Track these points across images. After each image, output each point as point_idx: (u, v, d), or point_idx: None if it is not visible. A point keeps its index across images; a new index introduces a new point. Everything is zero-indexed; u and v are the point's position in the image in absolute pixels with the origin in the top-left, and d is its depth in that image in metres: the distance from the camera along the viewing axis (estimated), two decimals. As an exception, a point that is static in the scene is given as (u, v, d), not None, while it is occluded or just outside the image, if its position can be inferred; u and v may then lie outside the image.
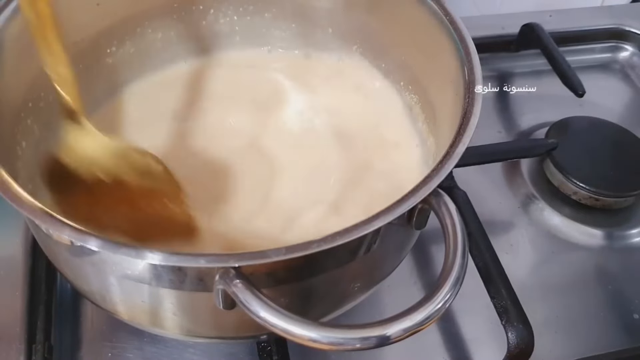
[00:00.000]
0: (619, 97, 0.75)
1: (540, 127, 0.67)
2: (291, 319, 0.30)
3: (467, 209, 0.53)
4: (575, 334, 0.52)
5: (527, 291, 0.50)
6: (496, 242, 0.52)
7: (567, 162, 0.61)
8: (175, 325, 0.39)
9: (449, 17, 0.44)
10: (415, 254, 0.55)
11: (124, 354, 0.47)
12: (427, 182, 0.35)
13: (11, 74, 0.43)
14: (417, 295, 0.52)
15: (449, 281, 0.32)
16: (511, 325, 0.46)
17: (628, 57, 0.78)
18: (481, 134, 0.42)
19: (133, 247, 0.31)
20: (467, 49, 0.42)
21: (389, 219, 0.33)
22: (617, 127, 0.65)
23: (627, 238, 0.59)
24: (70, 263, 0.39)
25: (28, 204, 0.33)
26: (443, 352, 0.50)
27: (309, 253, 0.31)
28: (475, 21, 0.70)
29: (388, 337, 0.30)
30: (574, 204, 0.60)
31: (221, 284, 0.31)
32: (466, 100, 0.39)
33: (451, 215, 0.35)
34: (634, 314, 0.53)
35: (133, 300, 0.38)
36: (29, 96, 0.46)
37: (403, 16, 0.50)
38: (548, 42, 0.70)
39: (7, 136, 0.42)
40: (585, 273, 0.56)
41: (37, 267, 0.49)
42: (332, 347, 0.30)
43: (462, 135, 0.37)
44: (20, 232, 0.51)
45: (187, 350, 0.48)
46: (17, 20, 0.43)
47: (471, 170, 0.58)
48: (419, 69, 0.51)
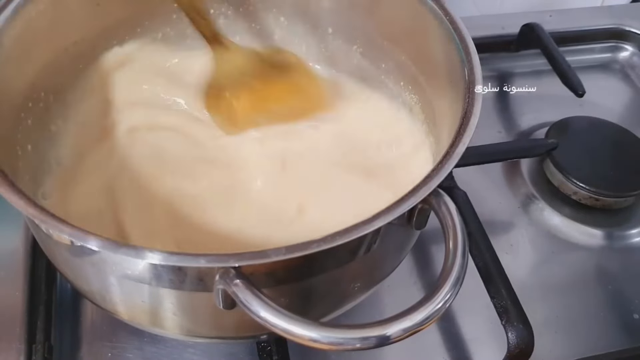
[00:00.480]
0: (619, 97, 0.75)
1: (540, 127, 0.67)
2: (291, 319, 0.30)
3: (467, 209, 0.53)
4: (575, 334, 0.52)
5: (527, 291, 0.50)
6: (496, 242, 0.52)
7: (567, 162, 0.61)
8: (175, 325, 0.39)
9: (449, 17, 0.44)
10: (415, 254, 0.55)
11: (124, 354, 0.47)
12: (427, 182, 0.35)
13: (11, 74, 0.43)
14: (417, 295, 0.52)
15: (449, 281, 0.32)
16: (511, 325, 0.46)
17: (628, 57, 0.78)
18: (481, 134, 0.42)
19: (133, 247, 0.31)
20: (467, 49, 0.42)
21: (389, 219, 0.33)
22: (617, 127, 0.65)
23: (627, 238, 0.59)
24: (70, 263, 0.39)
25: (28, 204, 0.33)
26: (443, 352, 0.50)
27: (309, 253, 0.31)
28: (475, 21, 0.70)
29: (388, 337, 0.30)
30: (574, 204, 0.60)
31: (221, 284, 0.31)
32: (466, 100, 0.39)
33: (451, 215, 0.35)
34: (634, 314, 0.53)
35: (133, 300, 0.38)
36: (29, 96, 0.46)
37: (403, 16, 0.50)
38: (548, 42, 0.70)
39: (7, 136, 0.42)
40: (585, 273, 0.56)
41: (37, 267, 0.49)
42: (332, 347, 0.30)
43: (462, 135, 0.37)
44: (20, 232, 0.51)
45: (187, 350, 0.48)
46: (17, 20, 0.43)
47: (471, 170, 0.58)
48: (419, 69, 0.51)
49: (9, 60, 0.42)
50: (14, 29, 0.43)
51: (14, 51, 0.43)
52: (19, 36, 0.43)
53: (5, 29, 0.42)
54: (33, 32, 0.45)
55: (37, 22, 0.45)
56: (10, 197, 0.33)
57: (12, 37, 0.42)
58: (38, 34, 0.45)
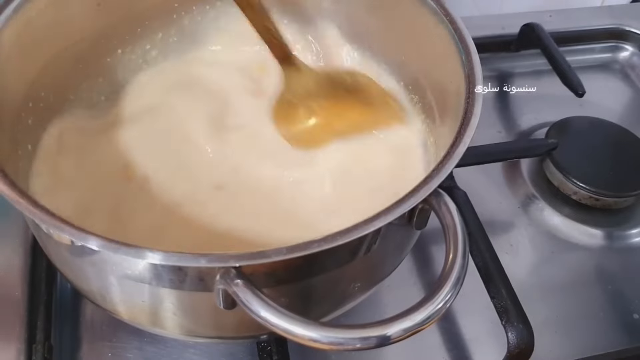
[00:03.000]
0: (619, 97, 0.75)
1: (540, 127, 0.67)
2: (292, 319, 0.30)
3: (467, 209, 0.53)
4: (575, 334, 0.52)
5: (527, 291, 0.50)
6: (496, 242, 0.52)
7: (567, 162, 0.61)
8: (176, 325, 0.39)
9: (449, 17, 0.44)
10: (415, 254, 0.55)
11: (124, 354, 0.47)
12: (428, 182, 0.35)
13: (11, 74, 0.43)
14: (417, 295, 0.52)
15: (450, 281, 0.32)
16: (511, 325, 0.46)
17: (628, 57, 0.78)
18: (481, 134, 0.42)
19: (133, 247, 0.31)
20: (467, 49, 0.42)
21: (389, 219, 0.33)
22: (617, 127, 0.65)
23: (627, 238, 0.59)
24: (70, 263, 0.39)
25: (28, 204, 0.33)
26: (443, 352, 0.50)
27: (309, 253, 0.31)
28: (475, 21, 0.70)
29: (388, 337, 0.30)
30: (574, 204, 0.61)
31: (222, 284, 0.31)
32: (466, 100, 0.39)
33: (451, 215, 0.35)
34: (634, 314, 0.53)
35: (133, 300, 0.38)
36: (29, 96, 0.46)
37: (403, 16, 0.50)
38: (548, 42, 0.70)
39: (7, 136, 0.42)
40: (585, 273, 0.56)
41: (37, 267, 0.49)
42: (332, 347, 0.30)
43: (462, 135, 0.37)
44: (20, 232, 0.51)
45: (187, 350, 0.48)
46: (18, 20, 0.43)
47: (471, 170, 0.58)
48: (419, 69, 0.51)
49: (9, 60, 0.42)
50: (14, 29, 0.43)
51: (14, 51, 0.43)
52: (19, 36, 0.43)
53: (5, 29, 0.42)
54: (33, 32, 0.45)
55: (37, 22, 0.45)
56: (10, 197, 0.33)
57: (12, 37, 0.42)
58: (38, 34, 0.45)
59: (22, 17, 0.43)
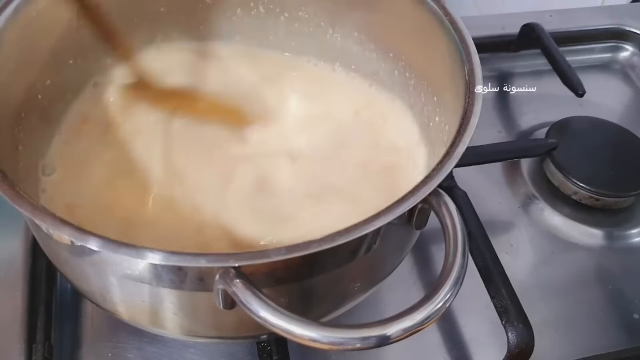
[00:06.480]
0: (619, 97, 0.75)
1: (540, 127, 0.67)
2: (291, 319, 0.30)
3: (467, 209, 0.53)
4: (575, 334, 0.52)
5: (527, 291, 0.50)
6: (496, 242, 0.52)
7: (567, 162, 0.61)
8: (176, 325, 0.39)
9: (449, 17, 0.44)
10: (415, 254, 0.55)
11: (124, 354, 0.47)
12: (427, 182, 0.35)
13: (11, 74, 0.43)
14: (417, 295, 0.52)
15: (449, 281, 0.32)
16: (511, 325, 0.46)
17: (628, 57, 0.78)
18: (481, 134, 0.42)
19: (133, 247, 0.31)
20: (467, 49, 0.42)
21: (389, 218, 0.33)
22: (617, 127, 0.65)
23: (627, 238, 0.59)
24: (70, 263, 0.39)
25: (28, 204, 0.33)
26: (443, 352, 0.50)
27: (309, 253, 0.31)
28: (475, 21, 0.70)
29: (388, 337, 0.30)
30: (574, 204, 0.60)
31: (221, 284, 0.31)
32: (466, 100, 0.39)
33: (451, 215, 0.35)
34: (634, 314, 0.53)
35: (133, 300, 0.38)
36: (29, 96, 0.46)
37: (403, 16, 0.50)
38: (548, 42, 0.70)
39: (7, 136, 0.42)
40: (585, 273, 0.56)
41: (37, 267, 0.49)
42: (332, 347, 0.30)
43: (462, 135, 0.37)
44: (20, 232, 0.51)
45: (187, 350, 0.48)
46: (18, 21, 0.43)
47: (471, 170, 0.58)
48: (419, 69, 0.51)
49: (9, 60, 0.42)
50: (14, 29, 0.43)
51: (14, 51, 0.43)
52: (19, 36, 0.43)
53: (5, 29, 0.42)
54: (33, 32, 0.45)
55: (37, 22, 0.45)
56: (10, 197, 0.33)
57: (12, 37, 0.42)
58: (38, 34, 0.45)
59: (22, 17, 0.43)
